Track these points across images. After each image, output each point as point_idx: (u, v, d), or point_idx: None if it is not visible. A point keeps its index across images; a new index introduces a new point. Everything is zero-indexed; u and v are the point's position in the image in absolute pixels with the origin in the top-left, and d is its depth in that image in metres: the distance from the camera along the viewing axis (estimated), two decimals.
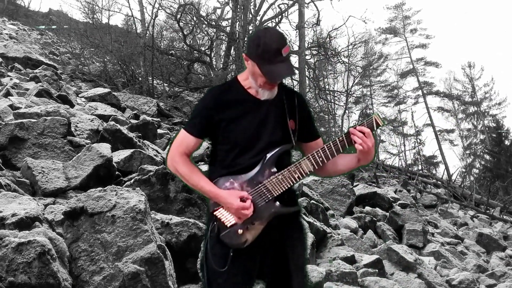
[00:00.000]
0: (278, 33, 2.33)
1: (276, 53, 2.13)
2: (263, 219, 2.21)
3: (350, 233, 7.36)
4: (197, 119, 2.30)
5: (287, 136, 2.27)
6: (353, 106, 34.73)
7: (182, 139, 2.31)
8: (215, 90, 2.36)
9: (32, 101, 8.73)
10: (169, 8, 19.44)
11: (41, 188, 5.15)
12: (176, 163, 2.27)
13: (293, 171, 2.21)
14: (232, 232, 2.19)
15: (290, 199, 2.30)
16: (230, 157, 2.25)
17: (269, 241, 2.25)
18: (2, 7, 30.41)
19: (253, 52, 2.17)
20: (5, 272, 3.15)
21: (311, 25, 20.87)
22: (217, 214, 2.22)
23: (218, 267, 2.19)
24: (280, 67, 2.15)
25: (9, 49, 15.34)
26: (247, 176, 2.22)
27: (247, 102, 2.26)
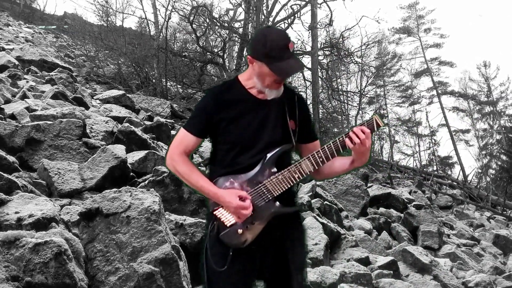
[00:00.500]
0: (281, 30, 2.37)
1: (283, 50, 2.13)
2: (263, 219, 2.20)
3: (364, 235, 7.32)
4: (197, 119, 2.30)
5: (287, 136, 2.27)
6: (366, 107, 34.50)
7: (181, 138, 2.30)
8: (216, 89, 2.35)
9: (48, 103, 8.86)
10: (182, 10, 19.56)
11: (57, 189, 5.22)
12: (176, 162, 2.26)
13: (293, 171, 2.21)
14: (231, 231, 2.19)
15: (290, 199, 2.31)
16: (230, 157, 2.24)
17: (269, 241, 2.25)
18: (18, 11, 30.92)
19: (259, 52, 2.16)
20: (22, 272, 3.20)
21: (324, 25, 20.81)
22: (217, 214, 2.22)
23: (217, 266, 2.19)
24: (289, 63, 2.15)
25: (25, 52, 15.58)
26: (247, 175, 2.22)
27: (248, 102, 2.26)
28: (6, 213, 3.90)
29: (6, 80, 10.57)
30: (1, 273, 3.08)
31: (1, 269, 3.11)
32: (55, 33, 24.58)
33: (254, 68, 2.21)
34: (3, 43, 17.06)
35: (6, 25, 23.60)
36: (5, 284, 3.02)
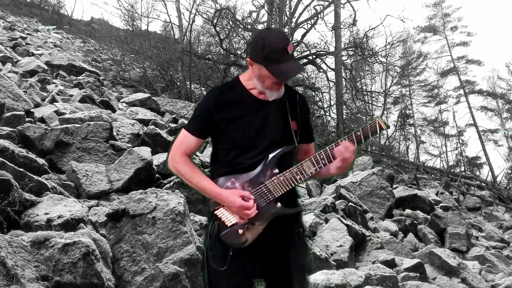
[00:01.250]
0: (281, 32, 2.36)
1: (282, 52, 2.12)
2: (264, 219, 2.19)
3: (390, 236, 7.23)
4: (198, 119, 2.28)
5: (289, 136, 2.26)
6: (391, 107, 33.97)
7: (183, 139, 2.28)
8: (217, 90, 2.34)
9: (76, 107, 9.07)
10: (206, 14, 19.70)
11: (85, 191, 5.33)
12: (177, 163, 2.26)
13: (295, 172, 2.19)
14: (232, 231, 2.18)
15: (291, 201, 2.29)
16: (231, 157, 2.23)
17: (270, 241, 2.23)
18: (47, 17, 31.72)
19: (258, 55, 2.14)
20: (52, 272, 3.27)
21: (347, 25, 20.65)
22: (218, 214, 2.21)
23: (217, 266, 2.19)
24: (288, 65, 2.14)
25: (54, 57, 15.99)
26: (248, 176, 2.21)
27: (249, 102, 2.24)
28: (36, 214, 4.01)
29: (35, 84, 10.87)
30: (31, 272, 3.16)
31: (31, 269, 3.19)
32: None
33: (254, 70, 2.20)
34: (32, 48, 17.53)
35: (35, 30, 24.26)
36: (35, 284, 3.10)
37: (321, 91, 22.39)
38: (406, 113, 30.71)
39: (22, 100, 7.90)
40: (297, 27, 19.97)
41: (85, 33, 30.16)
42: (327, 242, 5.81)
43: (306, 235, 3.88)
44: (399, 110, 30.64)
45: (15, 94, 7.77)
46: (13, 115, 6.93)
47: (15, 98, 7.72)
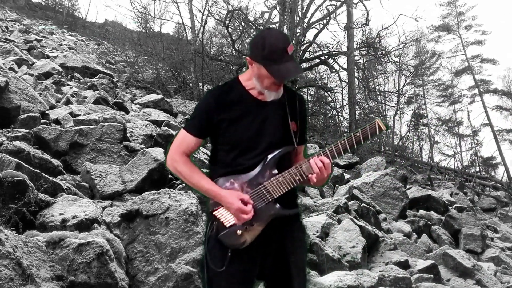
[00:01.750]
0: (281, 32, 2.33)
1: (282, 53, 2.12)
2: (263, 220, 2.19)
3: (404, 237, 7.18)
4: (197, 119, 2.27)
5: (289, 137, 2.25)
6: (405, 107, 33.69)
7: (182, 139, 2.28)
8: (216, 90, 2.33)
9: (90, 108, 9.17)
10: (218, 15, 19.77)
11: (99, 191, 5.39)
12: (176, 162, 2.25)
13: (294, 173, 2.19)
14: (231, 232, 2.18)
15: (290, 201, 2.28)
16: (230, 157, 2.23)
17: (269, 242, 2.23)
18: (61, 19, 32.11)
19: (258, 54, 2.15)
20: (67, 272, 3.32)
21: (360, 25, 20.56)
22: (216, 214, 2.21)
23: (216, 267, 2.18)
24: (287, 66, 2.13)
25: (68, 59, 16.17)
26: (247, 176, 2.20)
27: (248, 102, 2.24)
28: (51, 215, 4.07)
29: (50, 86, 11.01)
30: (46, 272, 3.20)
31: (46, 269, 3.24)
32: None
33: (253, 69, 2.20)
34: (47, 51, 17.76)
35: (50, 33, 24.58)
36: (50, 283, 3.14)
37: (334, 92, 22.33)
38: (419, 113, 30.45)
39: (38, 102, 8.01)
40: (309, 27, 19.93)
41: (99, 35, 30.47)
42: (339, 243, 5.79)
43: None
44: (413, 110, 30.40)
45: (30, 96, 7.89)
46: (29, 117, 7.03)
47: (31, 100, 7.84)
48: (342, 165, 13.13)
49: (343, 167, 12.81)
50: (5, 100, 7.08)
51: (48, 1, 36.31)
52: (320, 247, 5.36)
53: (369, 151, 18.33)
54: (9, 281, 2.87)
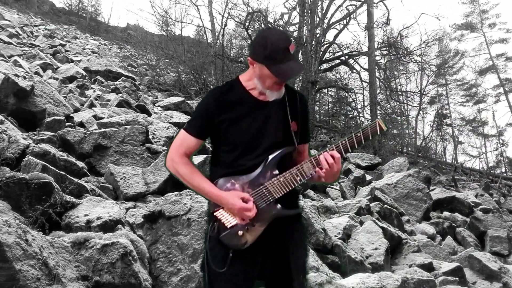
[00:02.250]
0: (282, 32, 2.31)
1: (284, 52, 2.10)
2: (264, 221, 2.17)
3: (427, 239, 7.07)
4: (198, 120, 2.25)
5: (289, 137, 2.23)
6: (427, 107, 33.20)
7: (182, 140, 2.26)
8: (217, 90, 2.30)
9: (113, 111, 9.32)
10: (238, 17, 19.87)
11: (122, 193, 5.47)
12: (176, 164, 2.24)
13: (295, 173, 2.17)
14: (232, 233, 2.17)
15: (291, 202, 2.26)
16: (231, 158, 2.21)
17: (270, 243, 2.22)
18: (85, 24, 32.73)
19: (260, 54, 2.12)
20: (92, 272, 3.37)
21: (381, 25, 20.40)
22: (217, 215, 2.20)
23: (217, 268, 2.17)
24: (289, 65, 2.11)
25: (92, 63, 16.47)
26: (248, 177, 2.19)
27: (249, 103, 2.22)
28: (76, 216, 4.14)
29: (75, 90, 11.22)
30: (72, 272, 3.26)
31: (72, 269, 3.29)
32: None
33: (254, 70, 2.18)
34: (71, 55, 18.12)
35: (74, 38, 25.07)
36: (76, 283, 3.19)
37: (354, 92, 22.18)
38: (443, 113, 29.99)
39: (62, 105, 8.18)
40: (329, 28, 19.85)
41: (121, 39, 30.96)
42: (362, 245, 5.74)
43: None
44: (436, 110, 29.93)
45: (55, 99, 8.05)
46: (54, 120, 7.18)
47: (56, 103, 8.00)
48: (364, 166, 13.01)
49: (364, 168, 12.69)
50: (31, 104, 7.25)
51: (71, 7, 37.05)
52: (342, 249, 5.32)
53: (391, 152, 18.14)
54: (36, 280, 2.93)
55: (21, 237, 3.01)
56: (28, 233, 3.11)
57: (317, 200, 8.17)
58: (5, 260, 2.83)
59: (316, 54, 18.26)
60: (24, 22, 22.81)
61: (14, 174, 4.20)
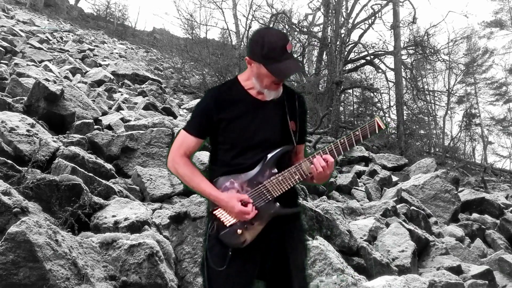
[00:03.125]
0: (280, 31, 2.32)
1: (281, 51, 2.10)
2: (263, 219, 2.18)
3: (456, 242, 6.93)
4: (197, 119, 2.27)
5: (288, 137, 2.24)
6: (455, 106, 32.51)
7: (182, 140, 2.27)
8: (215, 90, 2.32)
9: (140, 114, 9.48)
10: (262, 19, 19.93)
11: (149, 194, 5.55)
12: (177, 164, 2.25)
13: (294, 172, 2.18)
14: (231, 231, 2.18)
15: (290, 200, 2.27)
16: (230, 157, 2.22)
17: (269, 241, 2.22)
18: (112, 29, 33.36)
19: (257, 53, 2.13)
20: (119, 272, 3.44)
21: (407, 23, 20.10)
22: (217, 214, 2.21)
23: (217, 266, 2.18)
24: (287, 64, 2.12)
25: (119, 67, 16.77)
26: (247, 176, 2.19)
27: (247, 102, 2.23)
28: (104, 217, 4.23)
29: (103, 93, 11.45)
30: (100, 272, 3.33)
31: (100, 269, 3.37)
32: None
33: (252, 69, 2.19)
34: (99, 59, 18.50)
35: (102, 42, 25.59)
36: (104, 283, 3.26)
37: (380, 92, 21.93)
38: (471, 112, 29.33)
39: (91, 109, 8.37)
40: (354, 27, 19.69)
41: (147, 43, 31.43)
42: (388, 247, 5.68)
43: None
44: (464, 110, 29.30)
45: (84, 103, 8.25)
46: (83, 123, 7.35)
47: (85, 107, 8.19)
48: (390, 167, 12.84)
49: (390, 169, 12.52)
50: (61, 107, 7.44)
51: (99, 12, 37.83)
52: (368, 251, 5.28)
53: (419, 153, 17.85)
54: (65, 280, 3.01)
55: (51, 237, 3.10)
56: (58, 234, 3.20)
57: (342, 201, 8.12)
58: (36, 260, 2.92)
59: (340, 54, 18.13)
60: (54, 28, 23.42)
61: (45, 176, 4.32)
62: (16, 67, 10.65)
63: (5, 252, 2.87)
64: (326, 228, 5.30)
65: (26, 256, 2.90)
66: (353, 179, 9.63)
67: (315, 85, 18.67)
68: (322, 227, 5.30)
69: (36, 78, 8.47)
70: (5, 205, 3.61)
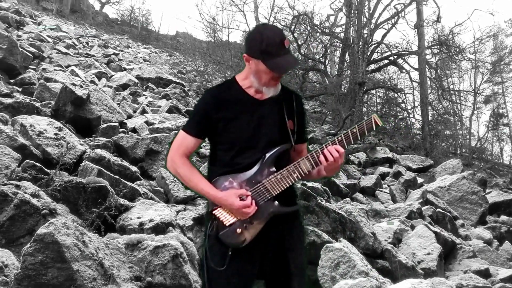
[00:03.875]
0: (276, 27, 2.30)
1: (279, 46, 2.11)
2: (262, 218, 2.18)
3: (484, 245, 6.78)
4: (196, 119, 2.28)
5: (286, 136, 2.25)
6: (482, 106, 31.84)
7: (181, 140, 2.28)
8: (214, 90, 2.33)
9: (164, 117, 9.59)
10: (284, 21, 19.91)
11: (173, 196, 5.61)
12: (176, 164, 2.25)
13: (292, 170, 2.18)
14: (230, 231, 2.18)
15: (289, 199, 2.27)
16: (229, 157, 2.23)
17: (269, 241, 2.22)
18: (136, 33, 33.87)
19: (255, 50, 2.14)
20: (144, 273, 3.49)
21: (431, 22, 19.80)
22: (216, 213, 2.21)
23: (216, 266, 2.18)
24: (285, 59, 2.13)
25: (143, 71, 17.01)
26: (246, 175, 2.20)
27: (245, 101, 2.24)
28: (130, 218, 4.30)
29: (128, 97, 11.64)
30: (126, 273, 3.39)
31: (125, 270, 3.42)
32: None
33: (250, 66, 2.20)
34: (124, 63, 18.80)
35: (126, 47, 26.01)
36: (129, 284, 3.31)
37: (404, 92, 21.63)
38: (499, 112, 28.65)
39: (116, 112, 8.52)
40: (376, 27, 19.51)
41: (171, 47, 31.79)
42: (413, 249, 5.60)
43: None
44: (491, 110, 28.66)
45: (110, 106, 8.40)
46: (109, 126, 7.48)
47: (110, 110, 8.34)
48: (415, 168, 12.65)
49: (415, 171, 12.34)
50: (87, 111, 7.59)
51: (124, 17, 38.46)
52: (393, 254, 5.21)
53: (444, 154, 17.53)
54: (92, 280, 3.07)
55: (79, 238, 3.17)
56: (85, 235, 3.27)
57: (366, 203, 8.04)
58: (63, 261, 2.98)
59: (363, 55, 17.97)
60: (80, 33, 23.93)
61: (72, 179, 4.42)
62: (43, 72, 10.92)
63: (34, 253, 2.95)
64: (349, 230, 5.27)
65: (54, 256, 2.96)
66: (377, 180, 9.53)
67: (337, 86, 18.54)
68: (346, 229, 5.26)
69: (63, 82, 8.68)
70: (34, 207, 3.71)
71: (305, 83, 19.26)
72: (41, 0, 29.66)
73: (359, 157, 13.01)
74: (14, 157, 4.30)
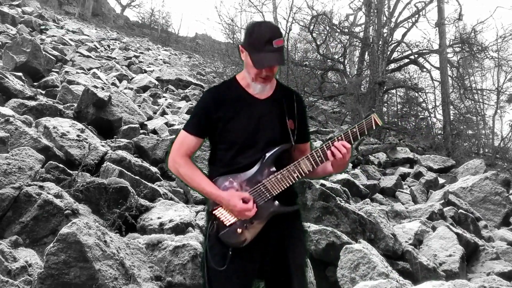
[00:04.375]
0: (273, 25, 2.30)
1: (266, 42, 2.11)
2: (262, 218, 2.18)
3: (507, 246, 6.64)
4: (196, 119, 2.28)
5: (286, 135, 2.24)
6: (506, 105, 31.13)
7: (182, 140, 2.28)
8: (214, 89, 2.33)
9: (183, 118, 9.68)
10: (302, 21, 19.85)
11: (193, 197, 5.66)
12: (178, 164, 2.24)
13: (292, 170, 2.18)
14: (231, 231, 2.18)
15: (289, 199, 2.26)
16: (229, 156, 2.22)
17: (269, 240, 2.21)
18: (156, 36, 34.19)
19: (246, 41, 2.17)
20: (164, 273, 3.53)
21: (453, 21, 19.48)
22: (216, 213, 2.21)
23: (217, 266, 2.18)
24: (268, 56, 2.12)
25: (163, 73, 17.20)
26: (246, 175, 2.20)
27: (245, 100, 2.24)
28: (150, 218, 4.35)
29: (148, 99, 11.78)
30: (146, 272, 3.43)
31: (146, 269, 3.47)
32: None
33: (245, 58, 2.21)
34: (144, 66, 19.02)
35: (147, 49, 26.30)
36: (150, 283, 3.35)
37: (425, 92, 21.32)
38: None
39: (137, 114, 8.63)
40: (396, 26, 19.30)
41: (190, 49, 32.00)
42: (435, 251, 5.52)
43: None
44: None
45: (130, 108, 8.52)
46: (129, 128, 7.59)
47: (131, 112, 8.46)
48: (436, 169, 12.47)
49: (437, 171, 12.15)
50: (108, 113, 7.72)
51: (144, 20, 38.88)
52: (413, 255, 5.15)
53: (467, 154, 17.23)
54: (113, 280, 3.12)
55: (100, 238, 3.22)
56: (106, 235, 3.32)
57: (386, 204, 7.96)
58: (85, 260, 3.04)
59: (383, 54, 17.80)
60: (101, 36, 24.30)
61: (94, 179, 4.50)
62: (66, 75, 11.14)
63: (57, 252, 3.01)
64: (369, 231, 5.23)
65: (77, 256, 3.02)
66: (397, 181, 9.43)
67: (357, 86, 18.40)
68: (366, 230, 5.22)
69: (85, 85, 8.83)
70: (57, 207, 3.79)
71: (324, 83, 19.16)
72: (63, 4, 30.21)
73: (379, 157, 12.90)
74: (37, 158, 4.41)
